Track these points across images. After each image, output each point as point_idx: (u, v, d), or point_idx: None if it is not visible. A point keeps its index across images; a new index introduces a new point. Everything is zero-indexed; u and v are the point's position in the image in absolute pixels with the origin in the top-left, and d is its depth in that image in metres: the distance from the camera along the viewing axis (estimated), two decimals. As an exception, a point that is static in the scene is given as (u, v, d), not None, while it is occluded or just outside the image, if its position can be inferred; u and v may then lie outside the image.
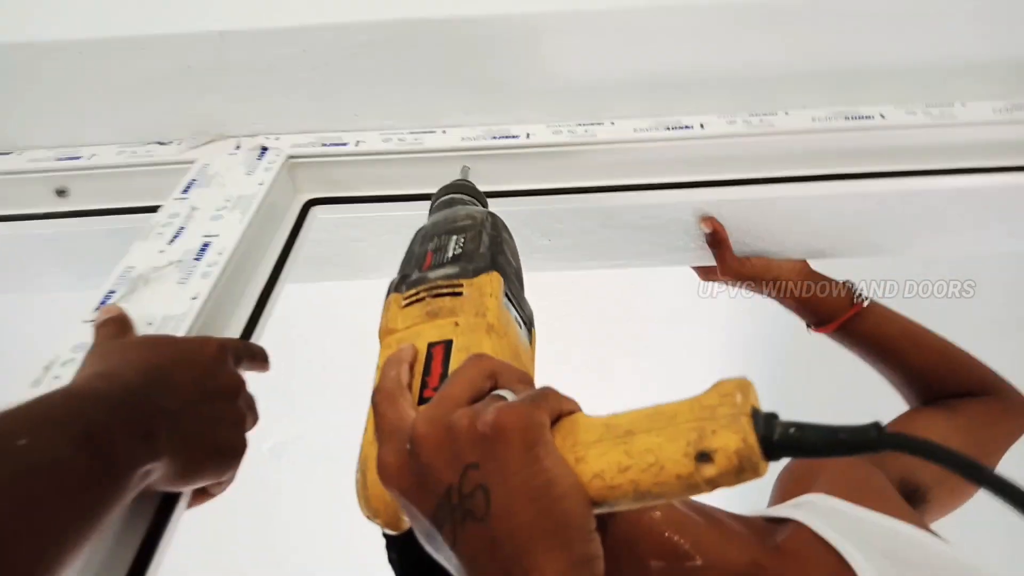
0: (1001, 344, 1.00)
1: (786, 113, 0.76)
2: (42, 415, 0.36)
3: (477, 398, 0.37)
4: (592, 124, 0.78)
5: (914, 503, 0.69)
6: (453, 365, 0.42)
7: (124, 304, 0.58)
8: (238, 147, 0.78)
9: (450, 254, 0.50)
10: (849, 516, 0.57)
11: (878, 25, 0.72)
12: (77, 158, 0.79)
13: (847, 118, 0.75)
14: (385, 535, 0.58)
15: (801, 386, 1.34)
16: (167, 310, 0.57)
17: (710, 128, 0.75)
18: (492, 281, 0.47)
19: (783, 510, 0.59)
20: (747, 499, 0.60)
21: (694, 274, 0.90)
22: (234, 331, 0.62)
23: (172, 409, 0.44)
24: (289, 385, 1.39)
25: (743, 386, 0.34)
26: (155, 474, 0.43)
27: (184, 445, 0.45)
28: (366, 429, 0.42)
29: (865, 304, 0.80)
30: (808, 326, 0.84)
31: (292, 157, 0.77)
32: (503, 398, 0.36)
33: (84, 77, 0.77)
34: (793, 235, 0.82)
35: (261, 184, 0.72)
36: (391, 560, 0.60)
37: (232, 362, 0.52)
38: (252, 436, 0.54)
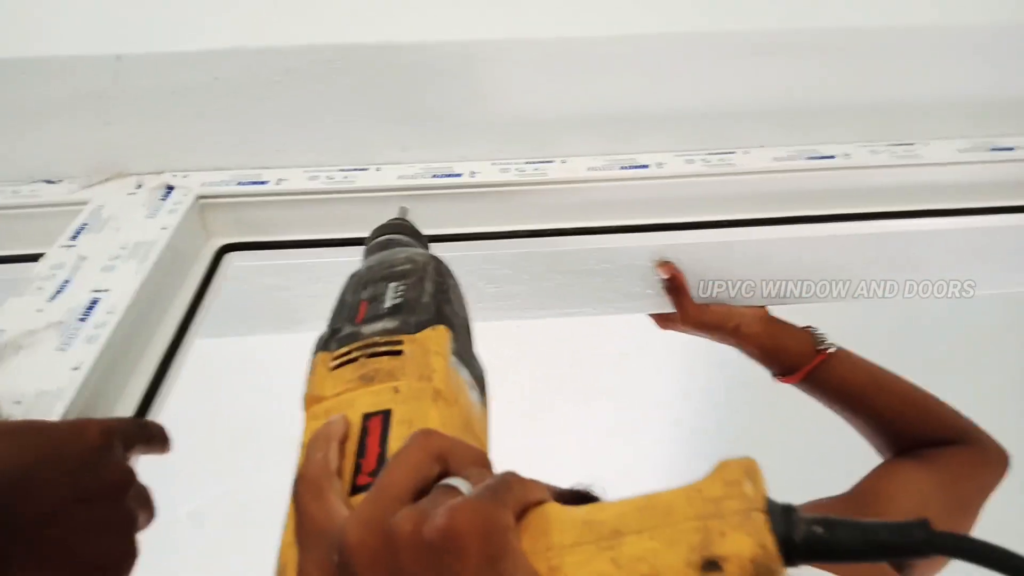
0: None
1: (746, 152, 0.72)
2: None
3: (423, 489, 0.29)
4: (542, 162, 0.71)
5: (901, 568, 0.65)
6: (393, 442, 0.34)
7: (-13, 378, 0.47)
8: (139, 186, 0.69)
9: (388, 304, 0.42)
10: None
11: (840, 61, 0.69)
12: (-56, 198, 0.68)
13: (809, 158, 0.71)
14: None
15: (759, 432, 1.31)
16: (41, 383, 0.47)
17: (667, 167, 0.70)
18: (438, 337, 0.39)
19: None
20: None
21: (650, 320, 0.84)
22: (128, 405, 0.52)
23: (31, 527, 0.34)
24: (206, 444, 1.26)
25: (751, 470, 0.28)
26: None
27: (49, 567, 0.35)
28: (285, 527, 0.33)
29: (831, 351, 0.76)
30: (773, 375, 0.80)
31: (203, 197, 0.68)
32: (455, 489, 0.29)
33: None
34: (752, 280, 0.77)
35: (164, 228, 0.62)
36: None
37: (120, 450, 0.43)
38: (168, 501, 0.45)
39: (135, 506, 0.42)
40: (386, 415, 0.35)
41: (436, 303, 0.43)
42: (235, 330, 0.80)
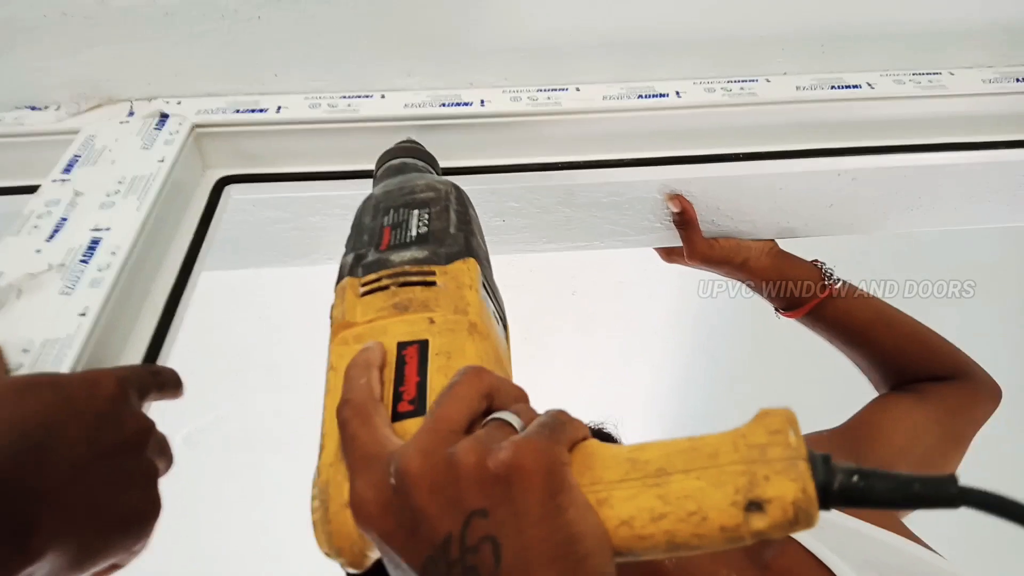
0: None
1: (768, 80, 0.69)
2: None
3: (474, 423, 0.31)
4: (555, 89, 0.68)
5: None
6: (432, 372, 0.35)
7: (-10, 325, 0.45)
8: (131, 113, 0.65)
9: (414, 232, 0.42)
10: (841, 530, 0.55)
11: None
12: (-78, 126, 0.64)
13: (833, 87, 0.68)
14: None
15: (755, 364, 1.32)
16: (48, 331, 0.45)
17: (687, 97, 0.67)
18: (470, 270, 0.40)
19: None
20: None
21: (655, 254, 0.83)
22: (137, 349, 0.51)
23: (56, 485, 0.33)
24: (200, 370, 1.26)
25: (792, 420, 0.29)
26: (39, 575, 0.32)
27: (76, 528, 0.34)
28: (323, 447, 0.34)
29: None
30: (776, 311, 0.79)
31: (199, 126, 0.64)
32: (508, 424, 0.31)
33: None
34: (763, 214, 0.76)
35: (162, 161, 0.59)
36: None
37: (136, 400, 0.42)
38: (165, 426, 0.44)
39: (155, 456, 0.41)
40: (423, 345, 0.36)
41: (463, 234, 0.43)
42: (233, 263, 0.78)
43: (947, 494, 0.27)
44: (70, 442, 0.35)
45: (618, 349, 1.40)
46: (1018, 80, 0.69)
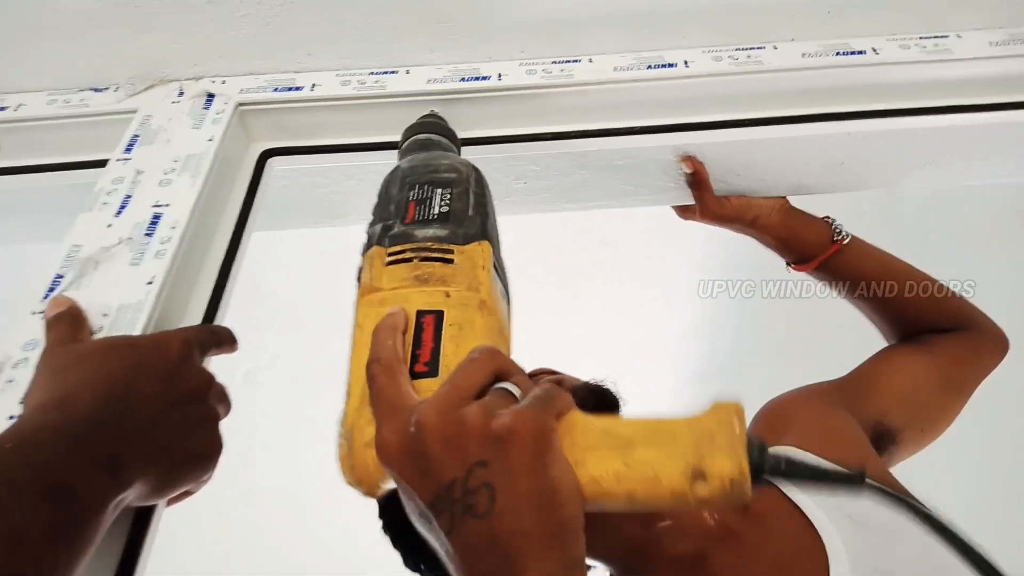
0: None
1: (775, 47, 0.72)
2: None
3: (483, 392, 0.37)
4: (568, 61, 0.72)
5: (884, 445, 0.71)
6: (445, 340, 0.41)
7: (75, 292, 0.53)
8: (181, 93, 0.71)
9: (436, 211, 0.47)
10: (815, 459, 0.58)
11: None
12: (2, 108, 0.71)
13: (838, 53, 0.70)
14: (379, 501, 0.59)
15: (771, 317, 1.35)
16: (122, 297, 0.53)
17: (695, 66, 0.70)
18: (483, 252, 0.45)
19: None
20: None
21: (672, 212, 0.87)
22: (196, 311, 0.58)
23: (138, 429, 0.41)
24: (254, 316, 1.36)
25: (739, 413, 0.36)
26: (128, 500, 0.40)
27: (156, 463, 0.42)
28: (350, 394, 0.41)
29: (846, 241, 0.78)
30: (788, 264, 0.83)
31: (242, 105, 0.71)
32: (510, 394, 0.37)
33: (2, 18, 0.68)
34: (775, 173, 0.79)
35: (211, 140, 0.66)
36: (384, 524, 0.61)
37: (198, 356, 0.49)
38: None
39: (215, 403, 0.49)
40: (439, 315, 0.42)
41: (480, 217, 0.48)
42: (279, 224, 0.85)
43: (852, 486, 0.35)
44: (146, 394, 0.43)
45: (647, 295, 1.45)
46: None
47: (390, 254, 0.45)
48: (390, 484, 0.38)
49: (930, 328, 0.78)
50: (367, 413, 0.39)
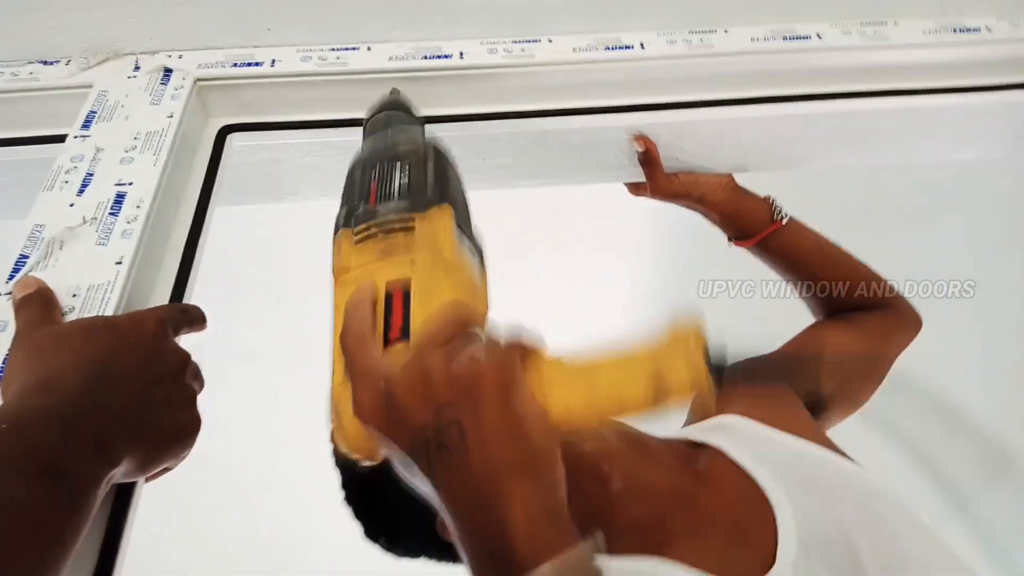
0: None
1: (726, 31, 0.74)
2: None
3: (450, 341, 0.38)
4: (529, 41, 0.74)
5: (816, 411, 0.76)
6: (414, 305, 0.42)
7: (41, 272, 0.53)
8: (137, 68, 0.70)
9: (396, 185, 0.49)
10: (763, 440, 0.62)
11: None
12: (-55, 81, 0.69)
13: (785, 38, 0.74)
14: (342, 473, 0.60)
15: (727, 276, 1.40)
16: (91, 278, 0.53)
17: (650, 49, 0.73)
18: (443, 215, 0.47)
19: (702, 433, 0.63)
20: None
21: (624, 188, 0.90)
22: (164, 289, 0.59)
23: (123, 408, 0.42)
24: (207, 288, 1.35)
25: (696, 323, 0.39)
26: (116, 477, 0.41)
27: (140, 441, 0.43)
28: (334, 372, 0.42)
29: (784, 222, 0.82)
30: (729, 240, 0.86)
31: (201, 80, 0.70)
32: (475, 334, 0.39)
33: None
34: (723, 152, 0.82)
35: (171, 116, 0.65)
36: (347, 496, 0.63)
37: (172, 335, 0.50)
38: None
39: (191, 381, 0.50)
40: (406, 283, 0.43)
41: (439, 183, 0.49)
42: (236, 200, 0.84)
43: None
44: (127, 373, 0.44)
45: (596, 264, 1.49)
46: (956, 31, 0.75)
47: (356, 233, 0.46)
48: (382, 449, 0.39)
49: (853, 307, 0.83)
50: (349, 386, 0.40)
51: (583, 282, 1.50)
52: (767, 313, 0.90)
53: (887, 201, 1.23)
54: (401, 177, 0.49)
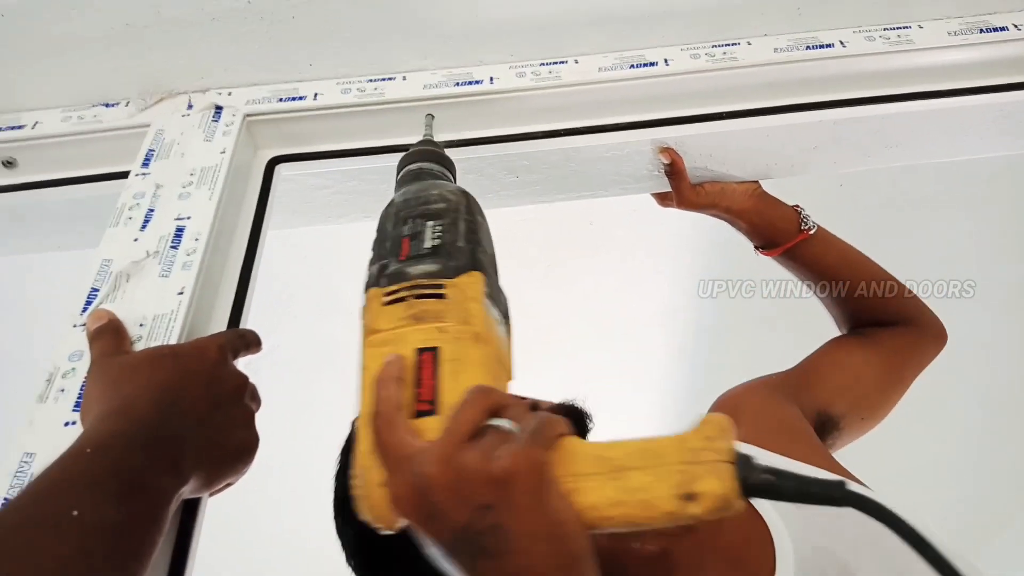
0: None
1: (748, 43, 0.76)
2: (83, 479, 0.38)
3: (479, 431, 0.39)
4: (555, 63, 0.76)
5: (827, 431, 0.76)
6: (443, 376, 0.43)
7: (111, 304, 0.58)
8: (190, 106, 0.75)
9: (427, 245, 0.49)
10: (798, 468, 0.61)
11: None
12: (20, 127, 0.75)
13: (808, 47, 0.75)
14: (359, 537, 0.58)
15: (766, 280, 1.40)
16: (156, 308, 0.58)
17: (674, 64, 0.75)
18: (474, 283, 0.47)
19: None
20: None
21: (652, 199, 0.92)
22: (222, 315, 0.63)
23: (190, 430, 0.46)
24: (267, 306, 1.41)
25: (724, 428, 0.38)
26: (185, 494, 0.46)
27: (206, 460, 0.47)
28: (360, 438, 0.43)
29: (812, 232, 0.82)
30: (756, 248, 0.87)
31: (249, 116, 0.75)
32: (504, 430, 0.39)
33: (13, 39, 0.72)
34: (750, 160, 0.83)
35: (223, 152, 0.70)
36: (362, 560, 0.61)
37: (231, 359, 0.54)
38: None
39: (250, 401, 0.54)
40: (435, 352, 0.44)
41: (470, 247, 0.50)
42: (286, 224, 0.89)
43: (834, 495, 0.36)
44: (193, 398, 0.48)
45: (634, 272, 1.51)
46: (982, 31, 0.75)
47: (386, 294, 0.47)
48: (404, 522, 0.40)
49: (875, 321, 0.83)
50: (376, 458, 0.41)
51: (620, 288, 1.52)
52: (775, 313, 0.90)
53: (915, 199, 1.22)
54: (433, 237, 0.49)
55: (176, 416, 0.46)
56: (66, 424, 0.51)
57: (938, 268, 1.06)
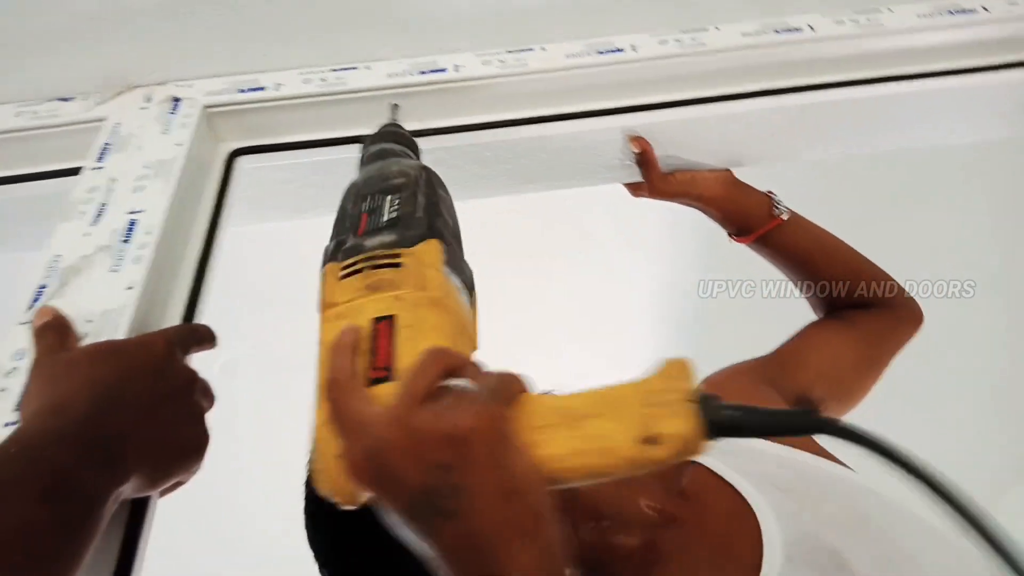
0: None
1: (717, 28, 0.75)
2: (5, 479, 0.37)
3: (436, 391, 0.38)
4: (522, 51, 0.75)
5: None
6: (400, 343, 0.42)
7: (58, 301, 0.56)
8: (149, 99, 0.73)
9: (385, 218, 0.48)
10: (745, 451, 0.60)
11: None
12: (-29, 122, 0.73)
13: (776, 31, 0.74)
14: (317, 513, 0.58)
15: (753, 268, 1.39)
16: (104, 303, 0.56)
17: (642, 50, 0.74)
18: (431, 250, 0.46)
19: None
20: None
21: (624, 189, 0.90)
22: (176, 311, 0.61)
23: (131, 427, 0.44)
24: (232, 305, 1.39)
25: (686, 368, 0.37)
26: (125, 493, 0.44)
27: (149, 457, 0.46)
28: (317, 410, 0.42)
29: (784, 218, 0.81)
30: (729, 235, 0.86)
31: (209, 107, 0.73)
32: (462, 388, 0.38)
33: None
34: (720, 148, 0.82)
35: (180, 144, 0.68)
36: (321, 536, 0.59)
37: (180, 354, 0.52)
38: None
39: (200, 398, 0.52)
40: (391, 320, 0.43)
41: (428, 217, 0.49)
42: (250, 219, 0.87)
43: (800, 423, 0.36)
44: (136, 393, 0.46)
45: (620, 266, 1.50)
46: (951, 12, 0.74)
47: (342, 268, 0.46)
48: (365, 494, 0.39)
49: (852, 304, 0.82)
50: (333, 429, 0.40)
51: (599, 277, 1.51)
52: (768, 311, 0.89)
53: (886, 187, 1.21)
54: (391, 210, 0.49)
55: (115, 412, 0.44)
56: (6, 424, 0.49)
57: (926, 261, 1.05)
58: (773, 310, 0.96)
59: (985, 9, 0.73)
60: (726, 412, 0.36)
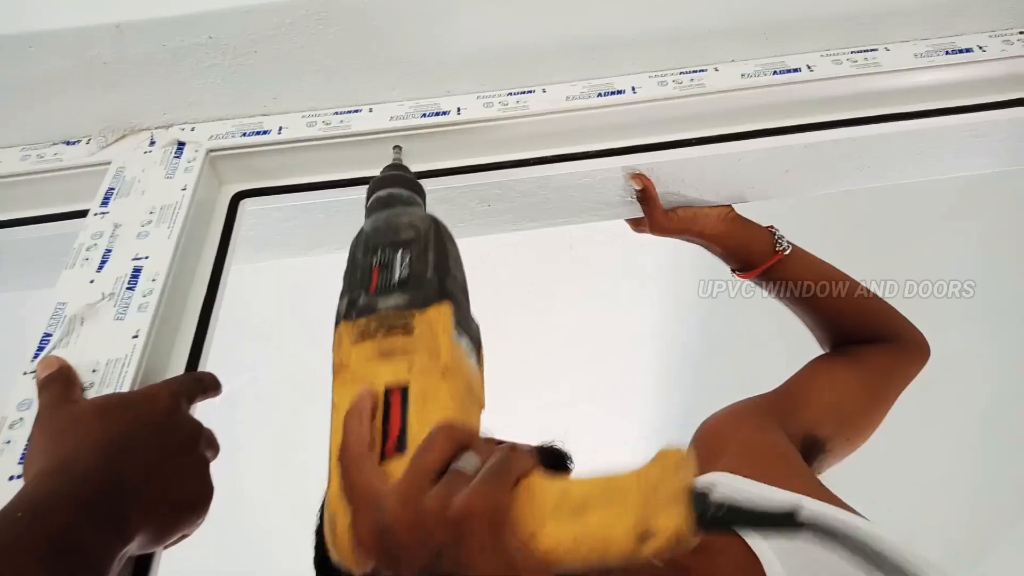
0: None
1: (716, 69, 0.76)
2: (8, 542, 0.36)
3: (444, 469, 0.39)
4: (523, 92, 0.76)
5: (813, 454, 0.75)
6: (411, 413, 0.43)
7: (63, 350, 0.56)
8: (152, 143, 0.74)
9: (396, 276, 0.49)
10: (756, 498, 0.61)
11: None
12: (-23, 166, 0.73)
13: (775, 72, 0.75)
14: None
15: (737, 308, 1.40)
16: (110, 352, 0.56)
17: (642, 92, 0.74)
18: (442, 316, 0.47)
19: None
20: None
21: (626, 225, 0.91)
22: (180, 356, 0.61)
23: (137, 485, 0.44)
24: (232, 339, 1.39)
25: (682, 462, 0.38)
26: (131, 551, 0.44)
27: (155, 515, 0.45)
28: (330, 479, 0.42)
29: (787, 252, 0.81)
30: (732, 271, 0.86)
31: (213, 151, 0.73)
32: (470, 469, 0.39)
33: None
34: (723, 185, 0.83)
35: (184, 189, 0.69)
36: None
37: (185, 406, 0.52)
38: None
39: (205, 449, 0.52)
40: (404, 390, 0.44)
41: (439, 275, 0.49)
42: (248, 259, 0.88)
43: (789, 524, 0.37)
44: (142, 449, 0.46)
45: (617, 296, 1.50)
46: (948, 52, 0.75)
47: (356, 328, 0.47)
48: (371, 564, 0.40)
49: (857, 339, 0.82)
50: (345, 500, 0.41)
51: (604, 312, 1.51)
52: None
53: (887, 219, 1.22)
54: (402, 267, 0.49)
55: (121, 470, 0.44)
56: (11, 478, 0.49)
57: (926, 285, 1.06)
58: (772, 337, 0.95)
59: (981, 48, 0.74)
60: (718, 511, 0.37)
